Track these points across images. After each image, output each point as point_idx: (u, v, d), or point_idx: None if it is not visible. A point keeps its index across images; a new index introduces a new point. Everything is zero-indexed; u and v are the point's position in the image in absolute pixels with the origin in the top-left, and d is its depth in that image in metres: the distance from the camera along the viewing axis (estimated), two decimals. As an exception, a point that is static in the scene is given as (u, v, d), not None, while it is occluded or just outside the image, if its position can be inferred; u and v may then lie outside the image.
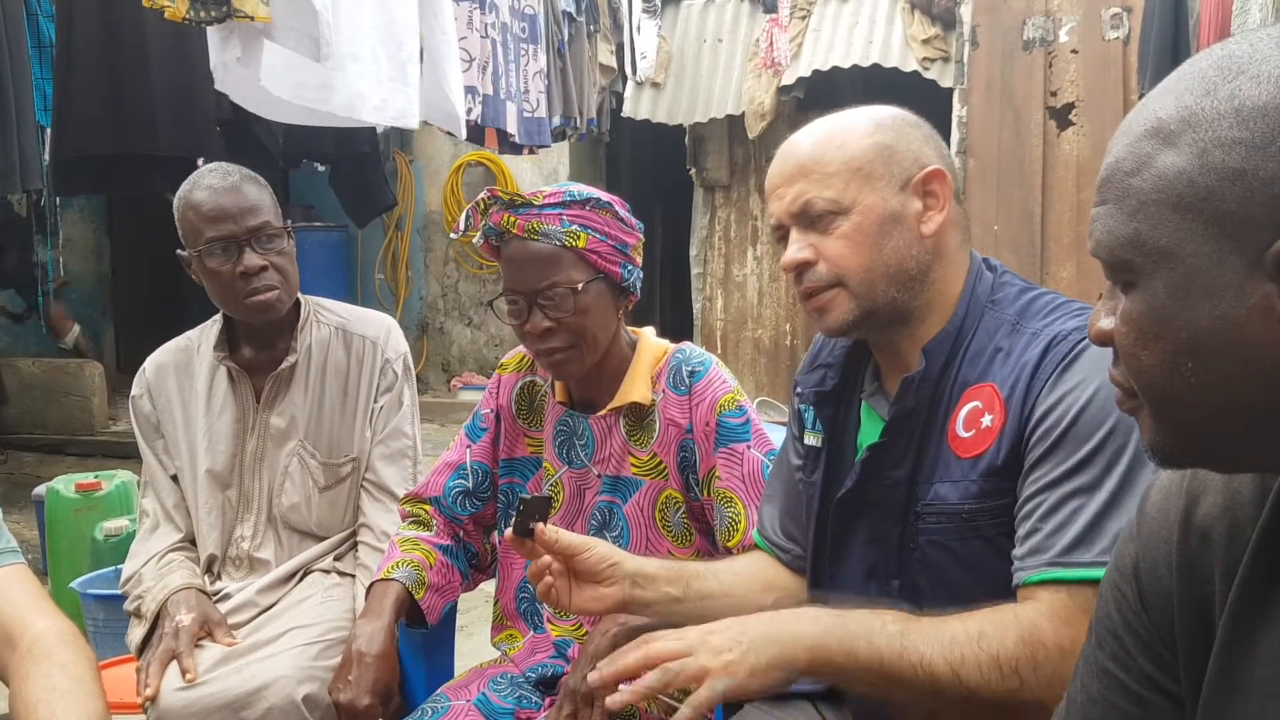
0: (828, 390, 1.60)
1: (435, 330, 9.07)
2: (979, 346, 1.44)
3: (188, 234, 2.16)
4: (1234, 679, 0.88)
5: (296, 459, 2.26)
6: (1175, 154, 0.81)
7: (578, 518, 1.97)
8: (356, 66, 3.77)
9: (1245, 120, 0.79)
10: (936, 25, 7.86)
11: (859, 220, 1.43)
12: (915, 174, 1.45)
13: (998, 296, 1.48)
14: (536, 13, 5.92)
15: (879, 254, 1.44)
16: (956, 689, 1.27)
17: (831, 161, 1.44)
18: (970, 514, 1.41)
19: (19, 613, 1.44)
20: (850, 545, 1.54)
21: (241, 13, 3.21)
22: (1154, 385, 0.86)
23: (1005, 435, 1.38)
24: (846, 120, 1.49)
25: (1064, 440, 1.33)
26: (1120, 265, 0.86)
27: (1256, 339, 0.79)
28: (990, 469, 1.39)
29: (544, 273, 1.81)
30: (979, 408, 1.41)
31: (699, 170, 8.90)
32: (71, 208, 8.53)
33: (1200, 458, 0.90)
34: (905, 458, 1.46)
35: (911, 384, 1.46)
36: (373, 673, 1.87)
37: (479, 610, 3.80)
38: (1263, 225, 0.78)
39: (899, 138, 1.46)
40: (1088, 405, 1.33)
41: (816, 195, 1.44)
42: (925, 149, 1.47)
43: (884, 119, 1.48)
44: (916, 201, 1.45)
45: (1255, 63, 0.80)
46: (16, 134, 4.20)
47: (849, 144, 1.45)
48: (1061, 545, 1.30)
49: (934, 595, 1.42)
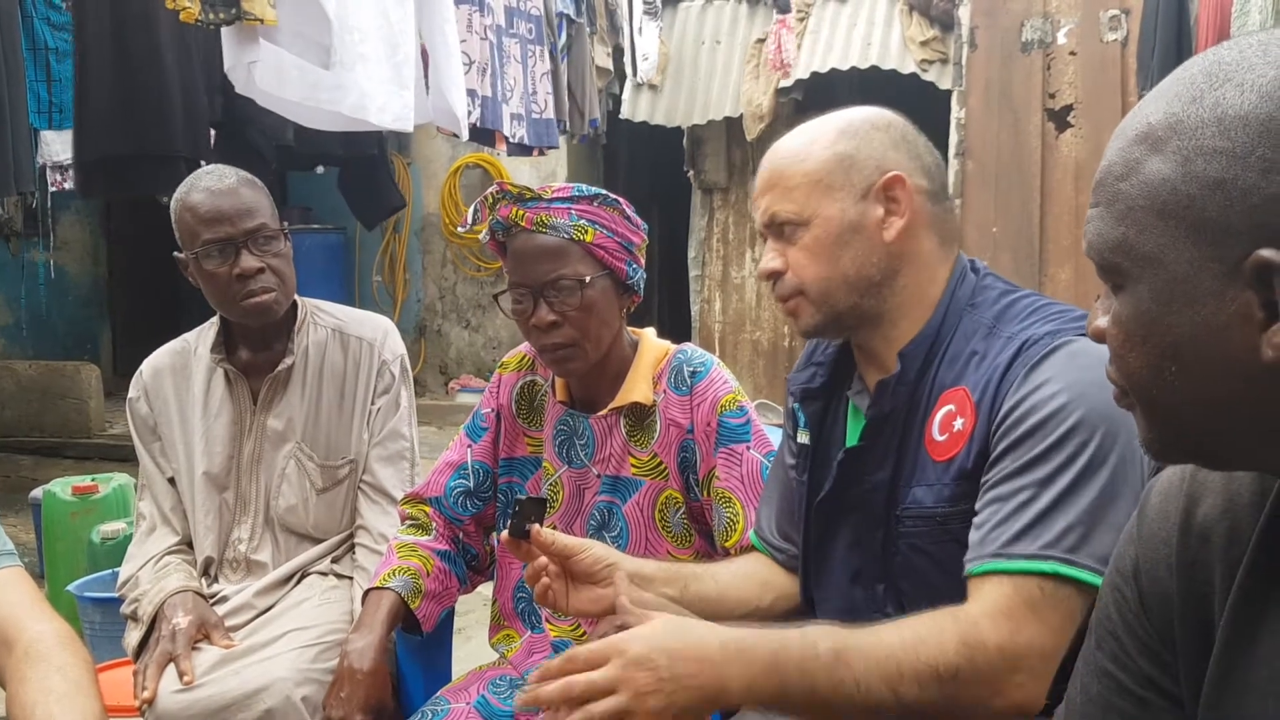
0: (815, 387, 1.61)
1: (433, 333, 9.07)
2: (956, 350, 1.44)
3: (184, 236, 2.16)
4: (1234, 679, 0.89)
5: (294, 461, 2.25)
6: (1161, 161, 0.82)
7: (577, 517, 1.97)
8: (365, 68, 3.81)
9: (1227, 130, 0.79)
10: (935, 27, 7.87)
11: (818, 232, 1.46)
12: (875, 181, 1.45)
13: (978, 300, 1.48)
14: (541, 14, 5.93)
15: (837, 264, 1.46)
16: (897, 707, 1.25)
17: (794, 175, 1.47)
18: (944, 517, 1.41)
19: (16, 615, 1.44)
20: (834, 549, 1.55)
21: (250, 15, 3.25)
22: (1141, 386, 0.87)
23: (975, 438, 1.38)
24: (815, 130, 1.50)
25: (1023, 437, 1.33)
26: (1109, 268, 0.87)
27: (1236, 345, 0.80)
28: (961, 472, 1.39)
29: (551, 265, 1.82)
30: (953, 411, 1.41)
31: (697, 172, 8.90)
32: (68, 210, 8.53)
33: (1191, 454, 0.91)
34: (885, 461, 1.46)
35: (887, 388, 1.46)
36: (364, 690, 1.88)
37: (476, 614, 3.79)
38: (1241, 234, 0.78)
39: (861, 145, 1.47)
40: (1048, 402, 1.32)
41: (780, 208, 1.48)
42: (891, 153, 1.47)
43: (850, 125, 1.49)
44: (878, 208, 1.46)
45: (1241, 70, 0.80)
46: (10, 136, 4.21)
47: (811, 156, 1.47)
48: (1006, 537, 1.30)
49: (916, 599, 1.42)
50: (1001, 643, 1.26)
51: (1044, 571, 1.28)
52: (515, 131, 5.71)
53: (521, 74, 5.74)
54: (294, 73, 3.62)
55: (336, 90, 3.74)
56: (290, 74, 3.60)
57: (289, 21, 3.36)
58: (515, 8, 5.63)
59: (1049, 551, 1.28)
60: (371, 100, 3.86)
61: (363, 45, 3.78)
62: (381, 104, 3.93)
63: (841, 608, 1.54)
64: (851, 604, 1.52)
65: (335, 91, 3.74)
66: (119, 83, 4.09)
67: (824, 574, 1.56)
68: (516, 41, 5.67)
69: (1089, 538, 1.28)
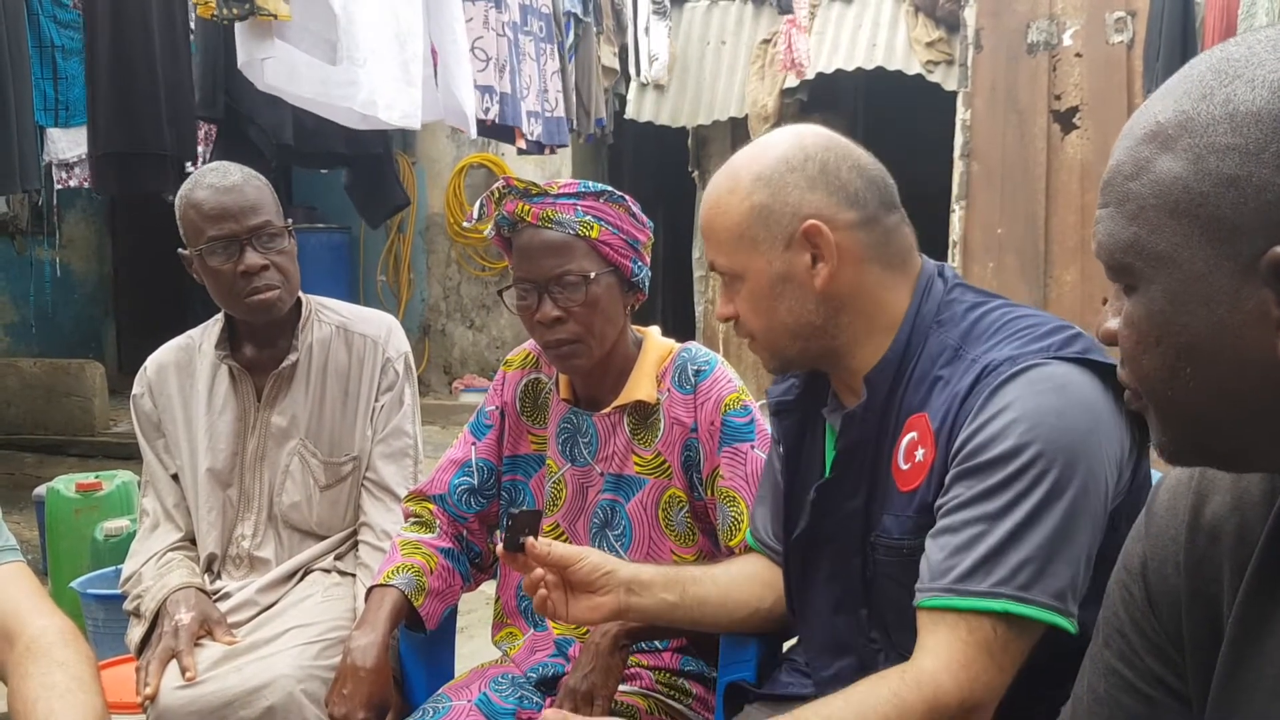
0: (790, 400, 1.59)
1: (437, 332, 9.08)
2: (922, 372, 1.40)
3: (189, 233, 2.16)
4: (1242, 677, 0.88)
5: (297, 458, 2.25)
6: (1172, 159, 0.81)
7: (580, 516, 1.97)
8: (375, 64, 3.83)
9: (1239, 126, 0.78)
10: (940, 28, 7.87)
11: (752, 285, 1.44)
12: (795, 229, 1.39)
13: (944, 316, 1.42)
14: (551, 13, 5.94)
15: (775, 315, 1.44)
16: None
17: (720, 230, 1.45)
18: (910, 549, 1.37)
19: (18, 611, 1.44)
20: (814, 581, 1.53)
21: (265, 11, 3.27)
22: (1155, 388, 0.86)
23: (934, 470, 1.35)
24: (733, 176, 1.45)
25: (978, 468, 1.29)
26: (1121, 269, 0.86)
27: (1253, 344, 0.79)
28: (923, 505, 1.36)
29: (557, 260, 1.82)
30: (915, 440, 1.38)
31: (702, 172, 8.90)
32: (73, 208, 8.56)
33: (1205, 457, 0.90)
34: (859, 488, 1.44)
35: (855, 419, 1.43)
36: (366, 687, 1.87)
37: (478, 613, 3.79)
38: (1257, 231, 0.78)
39: (775, 193, 1.40)
40: (1004, 432, 1.28)
41: (715, 259, 1.47)
42: (807, 196, 1.39)
43: (764, 170, 1.42)
44: (804, 255, 1.40)
45: (1251, 67, 0.80)
46: (16, 134, 4.22)
47: (730, 210, 1.43)
48: (958, 572, 1.27)
49: (898, 625, 1.40)
50: (964, 697, 1.25)
51: (995, 610, 1.25)
52: (533, 129, 5.71)
53: (536, 71, 5.74)
54: (305, 69, 3.64)
55: (349, 86, 3.78)
56: (301, 70, 3.63)
57: (297, 17, 3.38)
58: (529, 5, 5.63)
59: (1001, 589, 1.25)
60: (381, 96, 3.89)
61: (373, 42, 3.80)
62: (390, 100, 3.95)
63: (827, 641, 1.52)
64: (835, 635, 1.51)
65: (347, 88, 3.78)
66: (120, 81, 4.13)
67: (807, 607, 1.55)
68: (531, 39, 5.68)
69: (1044, 572, 1.25)
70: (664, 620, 1.64)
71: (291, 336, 2.26)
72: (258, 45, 3.42)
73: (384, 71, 3.92)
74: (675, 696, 1.91)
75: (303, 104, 3.95)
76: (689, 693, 1.92)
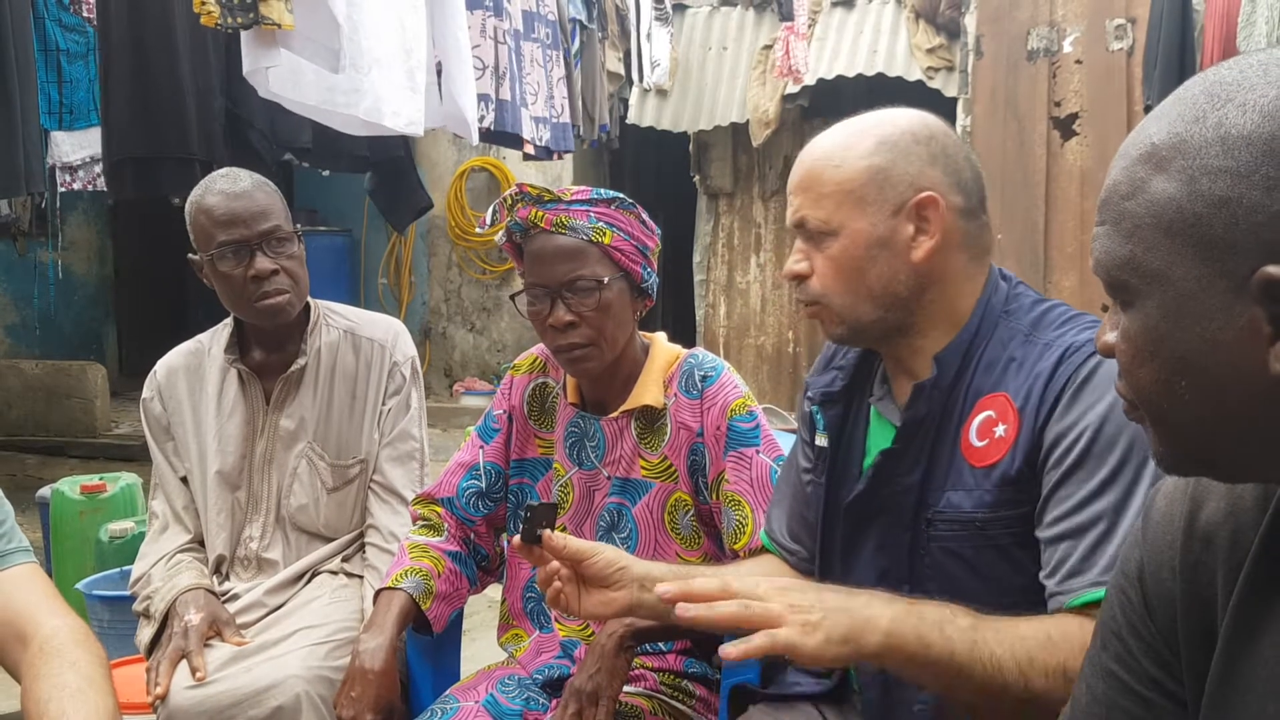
0: (835, 391, 1.61)
1: (438, 335, 9.08)
2: (992, 356, 1.45)
3: (199, 238, 2.18)
4: (1236, 681, 0.90)
5: (305, 460, 2.27)
6: (1166, 180, 0.84)
7: (586, 519, 1.99)
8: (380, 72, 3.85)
9: (1231, 149, 0.81)
10: (941, 35, 7.88)
11: (846, 244, 1.45)
12: (909, 199, 1.43)
13: (1012, 307, 1.48)
14: (557, 19, 5.95)
15: (862, 279, 1.45)
16: (1022, 691, 1.26)
17: (827, 182, 1.45)
18: (984, 523, 1.41)
19: (31, 611, 1.45)
20: (861, 550, 1.55)
21: (268, 20, 3.28)
22: (1151, 401, 0.89)
23: (1019, 446, 1.39)
24: (853, 134, 1.47)
25: (1085, 461, 1.34)
26: (1117, 285, 0.89)
27: (1245, 360, 0.82)
28: (1004, 478, 1.40)
29: (570, 265, 1.84)
30: (992, 417, 1.41)
31: (703, 177, 8.92)
32: (76, 210, 8.56)
33: (1201, 468, 0.92)
34: (917, 464, 1.47)
35: (924, 391, 1.46)
36: (375, 690, 1.88)
37: (481, 615, 3.80)
38: (1248, 251, 0.80)
39: (897, 160, 1.43)
40: (1104, 423, 1.33)
41: (810, 213, 1.46)
42: (928, 170, 1.44)
43: (889, 136, 1.45)
44: (909, 226, 1.44)
45: (1242, 90, 0.82)
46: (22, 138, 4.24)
47: (846, 164, 1.45)
48: (1101, 566, 1.30)
49: None
50: None
51: None
52: (540, 135, 5.72)
53: (544, 78, 5.75)
54: (310, 76, 3.66)
55: (353, 94, 3.79)
56: (306, 78, 3.64)
57: (299, 26, 3.40)
58: (534, 12, 5.64)
59: None
60: (386, 104, 3.91)
61: (378, 50, 3.82)
62: (395, 108, 3.97)
63: None
64: None
65: (351, 95, 3.79)
66: (139, 84, 4.13)
67: (850, 575, 1.56)
68: (537, 46, 5.68)
69: None
70: (673, 619, 1.65)
71: (300, 341, 2.28)
72: (263, 54, 3.43)
73: (389, 79, 3.94)
74: (679, 698, 1.93)
75: (307, 112, 3.96)
76: (692, 694, 1.94)
